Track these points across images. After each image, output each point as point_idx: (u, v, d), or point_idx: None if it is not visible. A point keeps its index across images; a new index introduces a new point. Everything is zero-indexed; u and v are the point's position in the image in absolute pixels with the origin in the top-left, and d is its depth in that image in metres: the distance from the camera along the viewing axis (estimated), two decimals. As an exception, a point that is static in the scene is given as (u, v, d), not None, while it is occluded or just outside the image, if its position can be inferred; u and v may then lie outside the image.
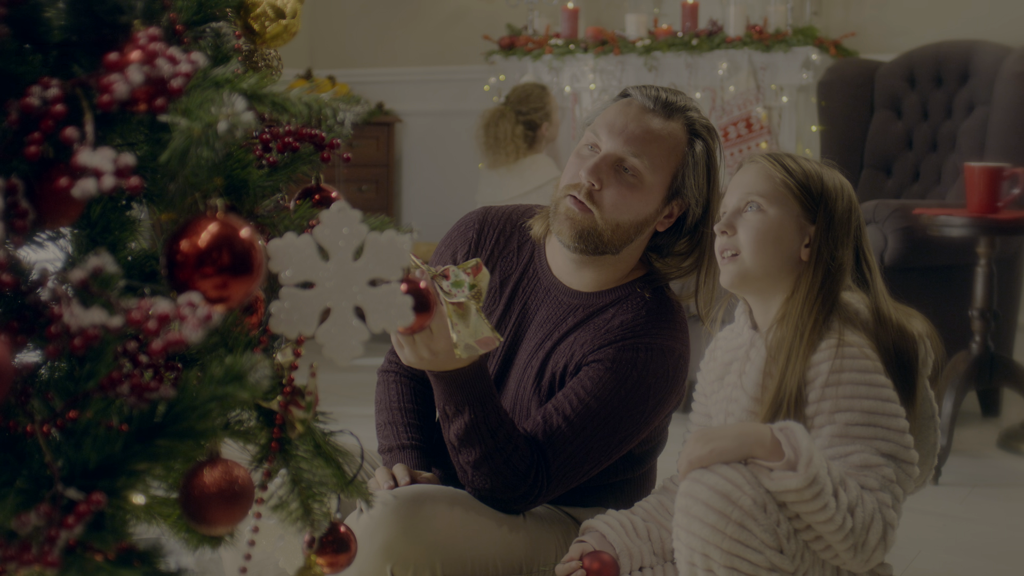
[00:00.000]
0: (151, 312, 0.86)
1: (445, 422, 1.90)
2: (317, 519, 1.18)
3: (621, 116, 1.98)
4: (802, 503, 1.59)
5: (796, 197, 1.82)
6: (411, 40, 6.65)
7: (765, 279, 1.83)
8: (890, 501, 1.66)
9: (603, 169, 1.95)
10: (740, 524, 1.57)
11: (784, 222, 1.81)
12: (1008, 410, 4.18)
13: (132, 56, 0.89)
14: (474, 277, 1.73)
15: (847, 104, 4.77)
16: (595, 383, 1.93)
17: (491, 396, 1.88)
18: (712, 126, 2.04)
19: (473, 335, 1.72)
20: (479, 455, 1.87)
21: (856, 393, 1.71)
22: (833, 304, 1.78)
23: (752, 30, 5.24)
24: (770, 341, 1.80)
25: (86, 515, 0.88)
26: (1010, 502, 3.18)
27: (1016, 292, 4.21)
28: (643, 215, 1.98)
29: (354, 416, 3.76)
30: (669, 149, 1.98)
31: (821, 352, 1.73)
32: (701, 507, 1.59)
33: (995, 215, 3.36)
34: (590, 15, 6.02)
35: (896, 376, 1.76)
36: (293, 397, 1.16)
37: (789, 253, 1.81)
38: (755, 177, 1.84)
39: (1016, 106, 4.16)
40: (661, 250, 2.09)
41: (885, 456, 1.69)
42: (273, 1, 1.19)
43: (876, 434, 1.69)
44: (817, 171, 1.84)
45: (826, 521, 1.60)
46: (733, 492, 1.59)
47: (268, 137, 1.22)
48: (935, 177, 4.53)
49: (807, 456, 1.59)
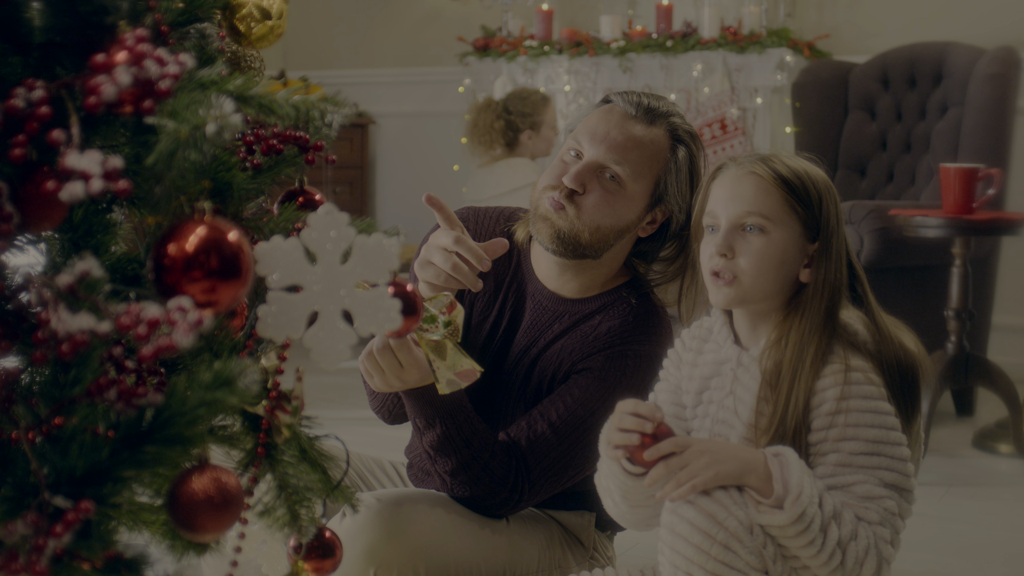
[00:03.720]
0: (141, 317, 0.84)
1: (417, 433, 1.90)
2: (304, 525, 1.17)
3: (603, 123, 1.97)
4: (788, 538, 1.56)
5: (797, 215, 1.71)
6: (385, 41, 6.64)
7: (763, 301, 1.73)
8: (888, 536, 1.60)
9: (585, 175, 1.94)
10: (725, 546, 1.53)
11: (787, 244, 1.70)
12: (982, 409, 4.20)
13: (119, 57, 0.88)
14: (448, 315, 1.71)
15: (821, 105, 4.79)
16: (583, 390, 1.93)
17: (462, 407, 1.87)
18: (695, 132, 2.03)
19: (452, 368, 1.71)
20: (455, 464, 1.87)
21: (861, 421, 1.64)
22: (835, 327, 1.70)
23: (726, 32, 5.26)
24: (766, 365, 1.71)
25: (74, 523, 0.87)
26: (986, 501, 3.19)
27: (990, 292, 4.23)
28: (624, 221, 1.97)
29: (339, 420, 3.74)
30: (651, 156, 1.97)
31: (826, 379, 1.66)
32: (686, 526, 1.55)
33: (970, 216, 3.38)
34: (564, 16, 6.02)
35: (900, 397, 1.70)
36: (279, 402, 1.15)
37: (789, 274, 1.72)
38: (754, 192, 1.71)
39: (989, 107, 4.18)
40: (645, 256, 2.08)
41: (888, 487, 1.63)
42: (259, 2, 1.18)
43: (880, 463, 1.64)
44: (812, 182, 1.72)
45: (813, 555, 1.56)
46: (719, 513, 1.54)
47: (252, 139, 1.21)
48: (909, 178, 4.55)
49: (796, 492, 1.54)
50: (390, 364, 1.79)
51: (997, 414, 3.93)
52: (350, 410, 3.96)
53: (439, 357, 1.70)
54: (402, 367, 1.79)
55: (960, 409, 4.18)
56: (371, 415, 2.14)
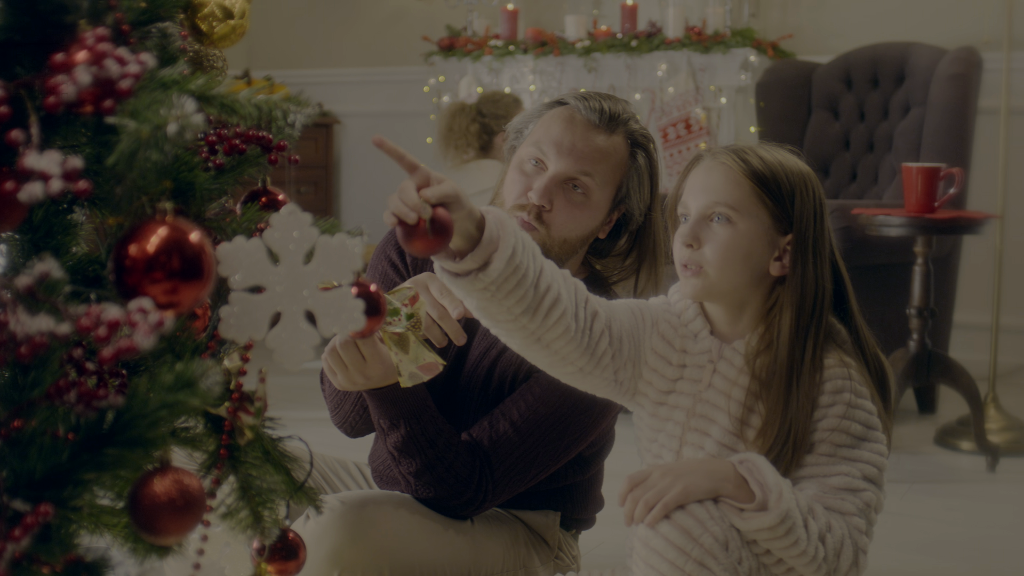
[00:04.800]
0: (101, 318, 0.84)
1: (381, 435, 1.90)
2: (268, 526, 1.17)
3: (568, 134, 1.95)
4: (775, 540, 1.55)
5: (767, 207, 1.69)
6: (350, 41, 6.62)
7: (732, 293, 1.71)
8: (864, 527, 1.62)
9: (553, 190, 1.93)
10: (700, 563, 1.52)
11: (754, 236, 1.68)
12: (944, 407, 4.24)
13: (79, 57, 0.87)
14: (412, 307, 1.71)
15: (785, 105, 4.81)
16: (544, 388, 1.92)
17: (426, 408, 1.87)
18: (648, 133, 2.03)
19: (415, 361, 1.70)
20: (419, 465, 1.87)
21: (849, 415, 1.66)
22: (828, 327, 1.70)
23: (691, 32, 5.27)
24: (756, 364, 1.69)
25: (34, 527, 0.86)
26: (948, 498, 3.22)
27: (952, 290, 4.27)
28: (589, 229, 1.98)
29: (302, 420, 3.72)
30: (615, 165, 1.97)
31: (834, 381, 1.67)
32: (661, 542, 1.54)
33: (932, 215, 3.40)
34: (529, 16, 6.02)
35: (879, 397, 1.71)
36: (242, 403, 1.14)
37: (758, 267, 1.70)
38: (723, 182, 1.69)
39: (951, 107, 4.22)
40: (600, 252, 2.09)
41: (868, 480, 1.64)
42: (221, 1, 1.17)
43: (862, 456, 1.65)
44: (786, 174, 1.70)
45: (799, 554, 1.56)
46: (695, 529, 1.53)
47: (215, 139, 1.20)
48: (872, 177, 4.58)
49: (777, 491, 1.55)
50: (353, 359, 1.78)
51: (959, 411, 3.96)
52: (313, 411, 3.93)
53: (402, 350, 1.70)
54: (365, 362, 1.78)
55: (922, 406, 4.21)
56: (335, 416, 2.13)
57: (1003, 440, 3.67)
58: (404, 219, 1.43)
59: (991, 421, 3.74)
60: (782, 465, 1.65)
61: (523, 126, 2.03)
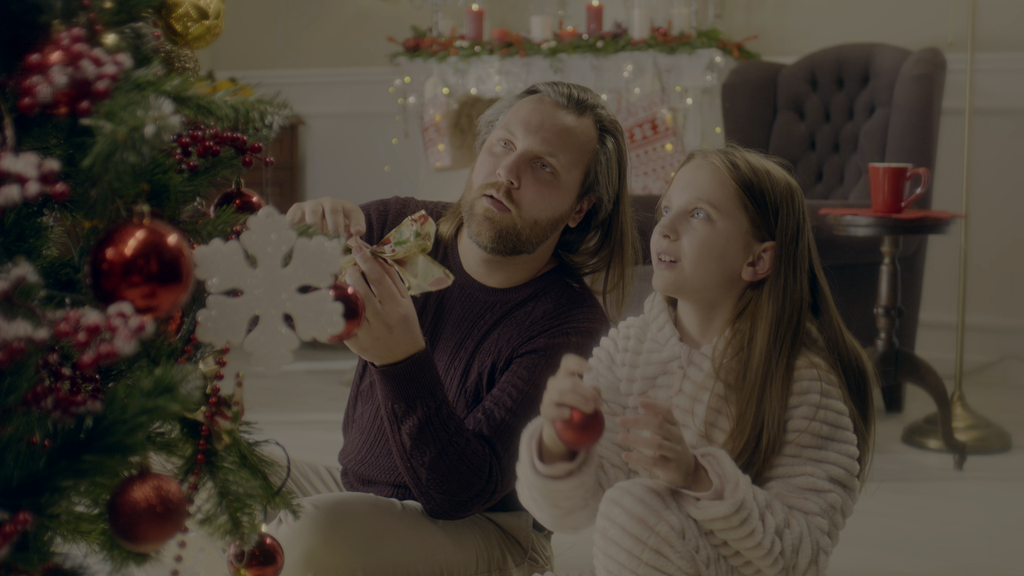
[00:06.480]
0: (81, 324, 0.82)
1: (394, 424, 1.87)
2: (246, 532, 1.16)
3: (536, 113, 1.97)
4: (730, 530, 1.56)
5: (748, 212, 1.72)
6: (314, 41, 6.59)
7: (703, 291, 1.73)
8: (826, 527, 1.62)
9: (521, 166, 1.94)
10: (656, 551, 1.53)
11: (731, 237, 1.71)
12: (911, 405, 4.26)
13: (54, 57, 0.86)
14: (421, 225, 1.77)
15: (750, 106, 4.83)
16: (532, 371, 1.92)
17: (440, 384, 1.88)
18: (617, 121, 2.05)
19: (426, 279, 1.78)
20: (435, 452, 1.84)
21: (815, 416, 1.66)
22: (803, 340, 1.71)
23: (656, 33, 5.28)
24: (724, 370, 1.71)
25: (12, 535, 0.84)
26: (916, 495, 3.24)
27: (918, 289, 4.30)
28: (559, 212, 1.99)
29: (278, 424, 3.69)
30: (582, 146, 1.98)
31: (803, 382, 1.68)
32: (618, 531, 1.55)
33: (899, 214, 3.42)
34: (495, 17, 6.01)
35: (856, 399, 1.73)
36: (219, 407, 1.13)
37: (731, 269, 1.72)
38: (709, 180, 1.72)
39: (915, 108, 4.24)
40: (571, 246, 2.10)
41: (833, 482, 1.65)
42: (196, 1, 1.16)
43: (827, 458, 1.65)
44: (772, 183, 1.73)
45: (755, 546, 1.57)
46: (650, 518, 1.54)
47: (188, 141, 1.19)
48: (838, 177, 4.60)
49: (733, 482, 1.55)
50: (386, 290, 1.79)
51: (926, 410, 3.99)
52: (284, 413, 3.91)
53: (410, 274, 1.78)
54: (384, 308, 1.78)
55: (889, 405, 4.24)
56: (305, 419, 2.13)
57: (970, 438, 3.70)
58: (582, 408, 1.51)
59: (958, 419, 3.77)
60: (753, 469, 1.66)
61: (494, 117, 2.05)
